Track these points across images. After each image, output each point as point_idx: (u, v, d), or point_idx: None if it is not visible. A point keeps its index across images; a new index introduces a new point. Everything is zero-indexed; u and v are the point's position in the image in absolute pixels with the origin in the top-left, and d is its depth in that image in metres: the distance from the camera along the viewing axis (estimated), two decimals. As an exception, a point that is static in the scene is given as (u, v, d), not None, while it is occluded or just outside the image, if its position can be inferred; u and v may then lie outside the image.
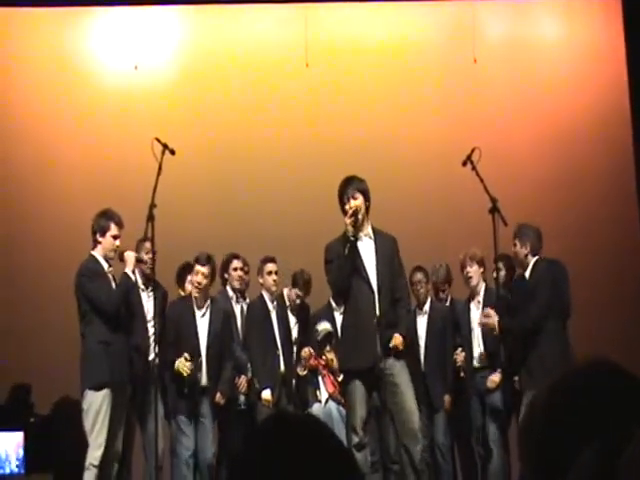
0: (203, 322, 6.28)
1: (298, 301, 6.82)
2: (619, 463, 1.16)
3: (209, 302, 6.32)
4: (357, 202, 5.34)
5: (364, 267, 5.32)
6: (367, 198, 5.41)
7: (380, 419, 6.33)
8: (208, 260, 6.24)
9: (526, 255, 6.02)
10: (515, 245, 6.06)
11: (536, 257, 6.02)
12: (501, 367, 6.23)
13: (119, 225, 5.78)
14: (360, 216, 5.32)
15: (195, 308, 6.26)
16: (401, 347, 5.28)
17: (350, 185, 5.43)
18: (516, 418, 6.34)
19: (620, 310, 7.89)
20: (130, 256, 5.80)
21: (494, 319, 5.93)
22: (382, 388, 5.29)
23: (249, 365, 6.57)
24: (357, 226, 5.31)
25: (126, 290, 5.75)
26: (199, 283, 6.18)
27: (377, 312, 5.25)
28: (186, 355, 6.00)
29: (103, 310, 5.62)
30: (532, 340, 5.79)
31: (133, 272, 5.81)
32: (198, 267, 6.20)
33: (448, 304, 6.88)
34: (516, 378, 6.07)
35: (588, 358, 1.34)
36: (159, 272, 5.94)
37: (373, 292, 5.29)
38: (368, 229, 5.44)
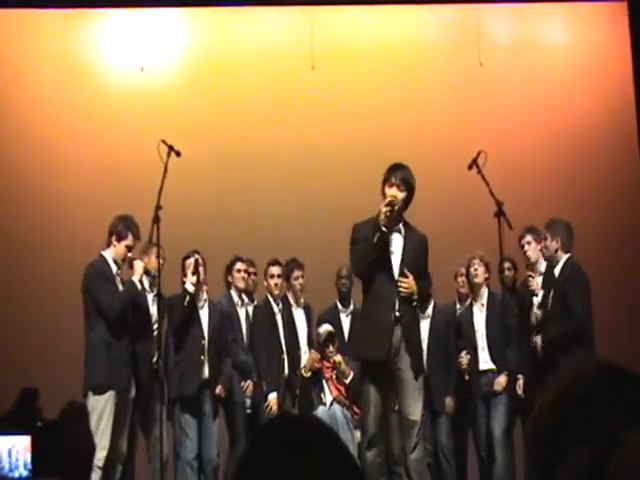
0: (203, 314, 6.37)
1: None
2: (610, 465, 1.17)
3: (206, 296, 6.43)
4: (399, 195, 5.12)
5: (390, 261, 5.14)
6: (411, 194, 5.20)
7: (386, 421, 6.31)
8: (195, 252, 6.32)
9: (557, 250, 5.95)
10: (545, 239, 5.95)
11: (568, 254, 5.95)
12: (507, 370, 6.22)
13: (136, 237, 5.81)
14: (396, 208, 5.10)
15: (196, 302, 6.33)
16: (414, 289, 5.09)
17: (396, 173, 5.19)
18: (521, 421, 6.35)
19: (629, 310, 7.88)
20: (138, 265, 5.83)
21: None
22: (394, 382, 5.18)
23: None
24: (391, 217, 5.08)
25: (130, 298, 5.77)
26: (199, 264, 6.24)
27: (397, 309, 5.09)
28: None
29: (105, 315, 5.64)
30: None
31: (140, 280, 5.85)
32: (189, 260, 6.28)
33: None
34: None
35: (595, 362, 1.34)
36: (163, 273, 5.95)
37: (395, 289, 5.11)
38: (400, 224, 5.23)
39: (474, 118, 8.48)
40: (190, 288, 6.20)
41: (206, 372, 6.24)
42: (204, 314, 6.37)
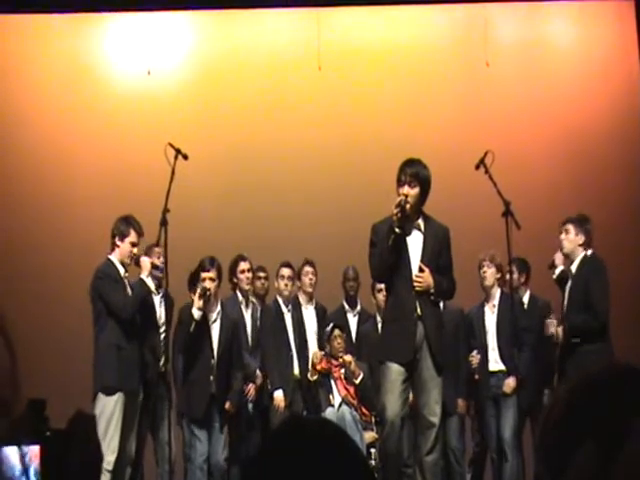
0: (214, 328, 6.24)
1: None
2: (617, 462, 1.17)
3: (219, 308, 6.28)
4: (412, 192, 5.01)
5: (409, 262, 5.05)
6: (425, 188, 5.06)
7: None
8: (212, 263, 6.16)
9: (581, 245, 5.88)
10: (568, 232, 5.87)
11: (586, 252, 5.88)
12: (517, 371, 6.20)
13: (139, 233, 5.80)
14: (408, 206, 4.97)
15: (207, 314, 6.19)
16: (430, 283, 5.02)
17: (405, 169, 5.06)
18: (531, 422, 6.33)
19: (633, 309, 7.86)
20: (146, 262, 5.83)
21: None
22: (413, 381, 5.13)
23: (258, 372, 6.55)
24: (402, 218, 4.94)
25: (141, 297, 5.77)
26: (207, 289, 6.06)
27: (418, 311, 5.04)
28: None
29: (118, 315, 5.63)
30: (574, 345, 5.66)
31: (149, 276, 5.83)
32: (204, 274, 6.13)
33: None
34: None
35: (610, 361, 1.35)
36: (172, 277, 5.94)
37: (415, 290, 5.05)
38: (419, 220, 5.12)
39: (481, 118, 8.46)
40: (196, 314, 6.04)
41: (213, 387, 6.12)
42: (215, 329, 6.22)
